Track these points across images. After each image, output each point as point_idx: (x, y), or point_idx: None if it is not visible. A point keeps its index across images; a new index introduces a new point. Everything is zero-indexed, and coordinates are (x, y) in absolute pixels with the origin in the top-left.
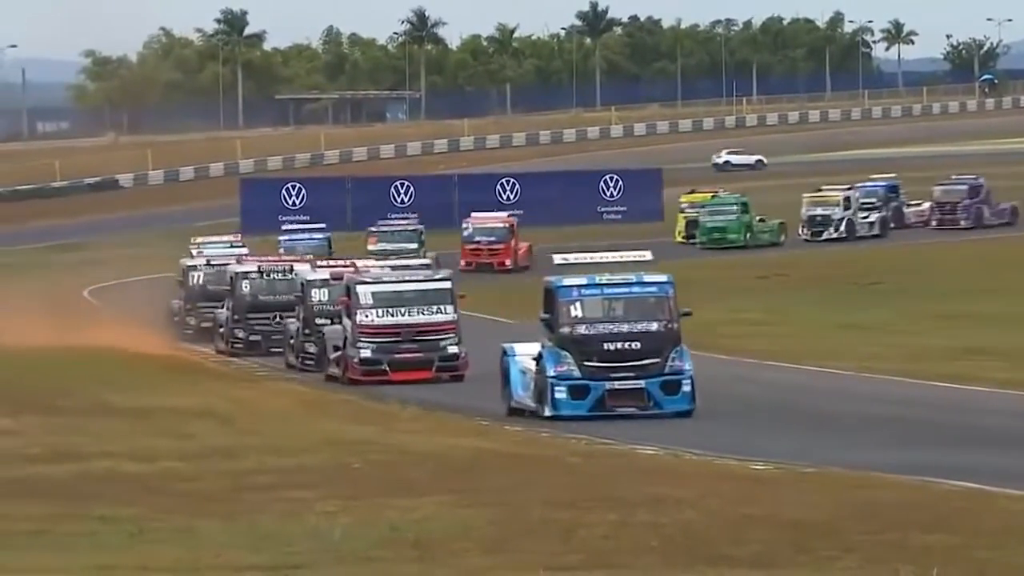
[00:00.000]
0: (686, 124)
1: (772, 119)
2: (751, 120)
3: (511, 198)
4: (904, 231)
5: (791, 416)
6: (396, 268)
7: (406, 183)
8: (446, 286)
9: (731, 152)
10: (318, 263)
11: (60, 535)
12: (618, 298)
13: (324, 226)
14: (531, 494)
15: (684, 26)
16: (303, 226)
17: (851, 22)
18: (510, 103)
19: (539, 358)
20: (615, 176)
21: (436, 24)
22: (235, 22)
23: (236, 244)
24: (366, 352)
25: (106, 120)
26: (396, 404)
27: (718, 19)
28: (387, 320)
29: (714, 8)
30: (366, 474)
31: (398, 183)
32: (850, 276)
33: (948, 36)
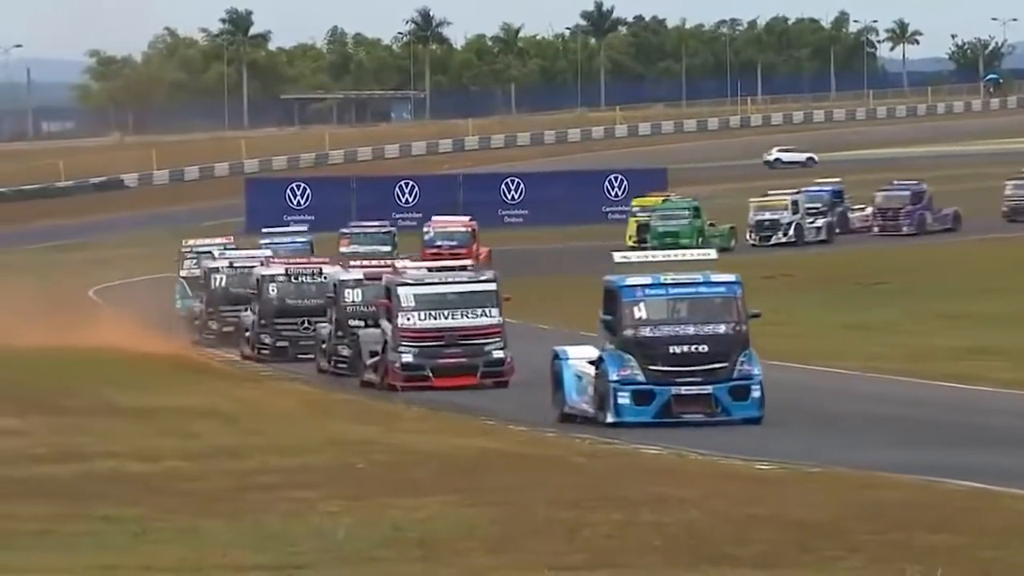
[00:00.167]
0: (691, 124)
1: (777, 119)
2: (756, 120)
3: (516, 198)
4: (849, 236)
5: (796, 416)
6: (438, 269)
7: (411, 183)
8: (491, 288)
9: (781, 150)
10: (352, 263)
11: (64, 535)
12: (684, 298)
13: (306, 229)
14: (535, 494)
15: (689, 26)
16: (284, 229)
17: (856, 22)
18: (515, 103)
19: (599, 361)
20: (620, 176)
21: (441, 24)
22: (240, 22)
23: (229, 246)
24: (408, 357)
25: (111, 120)
26: (400, 404)
27: (723, 19)
28: (430, 323)
29: (719, 8)
30: (370, 474)
31: (403, 183)
32: (855, 276)
33: (953, 36)
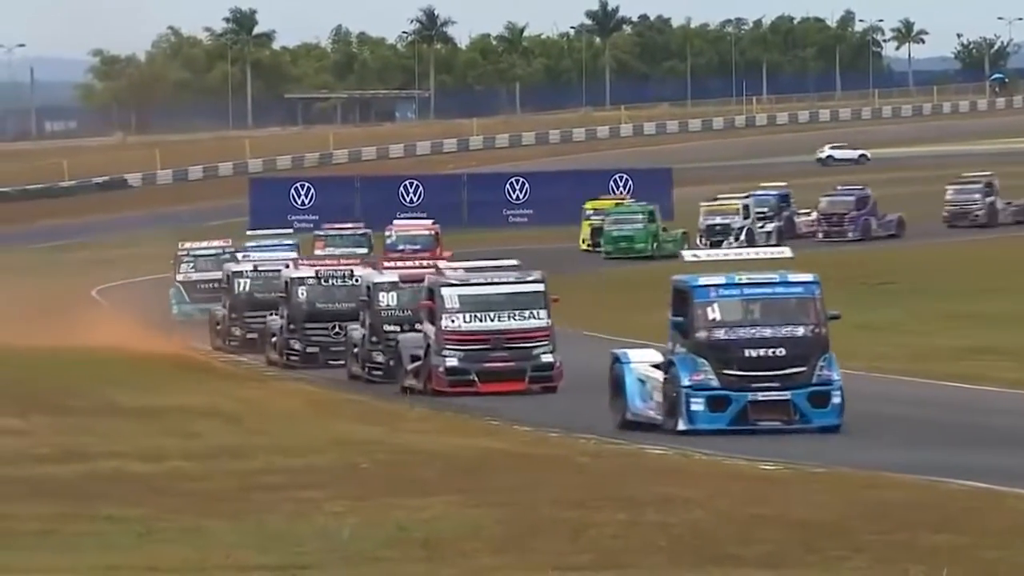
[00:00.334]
0: (696, 124)
1: (782, 119)
2: (761, 119)
3: (520, 197)
4: (795, 241)
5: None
6: (484, 269)
7: (415, 183)
8: (539, 288)
9: (833, 147)
10: (386, 264)
11: (68, 535)
12: (759, 299)
13: (291, 231)
14: (540, 494)
15: (694, 25)
16: (269, 231)
17: (861, 21)
18: (519, 102)
19: (669, 365)
20: (625, 175)
21: (445, 23)
22: (244, 21)
23: (228, 250)
24: (452, 361)
25: (114, 119)
26: (405, 404)
27: (728, 18)
28: (475, 326)
29: (724, 7)
30: (374, 474)
31: (407, 183)
32: (861, 276)
33: (959, 35)
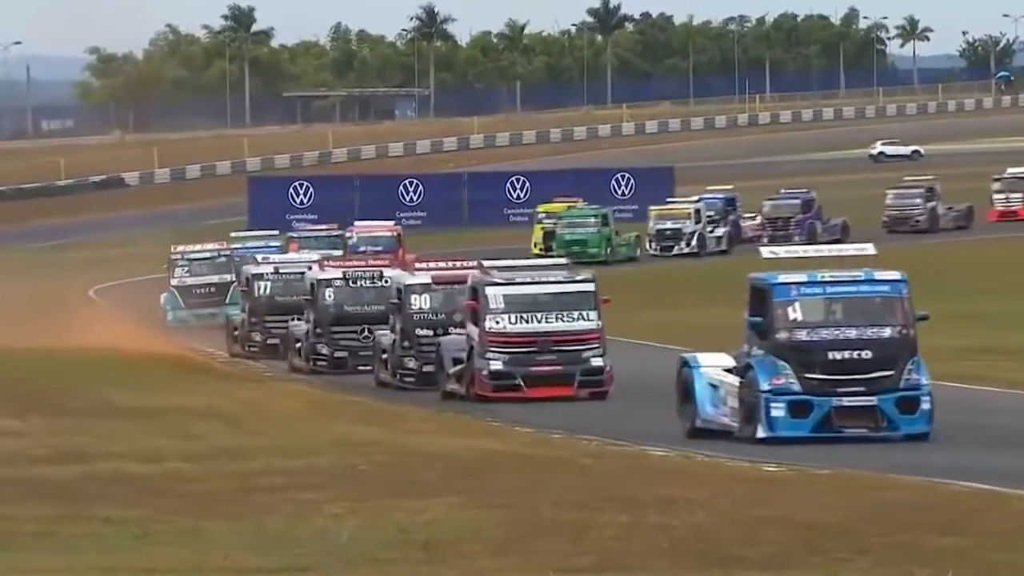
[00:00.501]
0: (698, 122)
1: (785, 117)
2: (764, 118)
3: (521, 197)
4: (744, 245)
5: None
6: (530, 267)
7: (415, 181)
8: (589, 288)
9: (885, 143)
10: (417, 266)
11: (65, 537)
12: (844, 298)
13: (276, 232)
14: (541, 495)
15: (696, 23)
16: (255, 233)
17: (865, 18)
18: (520, 100)
19: (746, 369)
20: (626, 174)
21: (445, 20)
22: (242, 19)
23: (223, 252)
24: (497, 364)
25: (112, 118)
26: (406, 405)
27: (731, 16)
28: (521, 327)
29: (727, 5)
30: (374, 475)
31: (407, 181)
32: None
33: (964, 33)
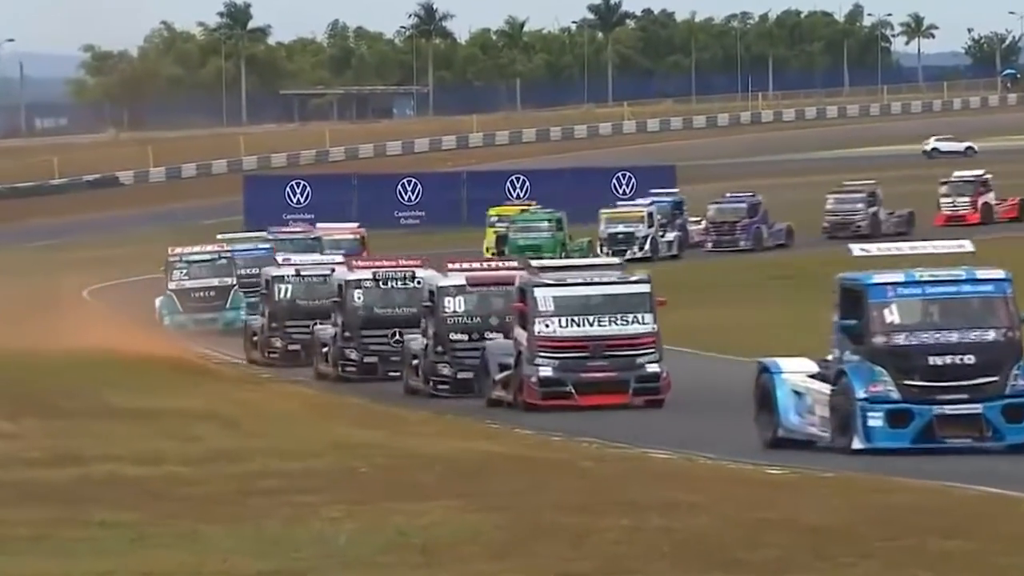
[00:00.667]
0: (700, 120)
1: (789, 115)
2: (767, 116)
3: (521, 195)
4: (692, 250)
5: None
6: (582, 267)
7: (413, 180)
8: (644, 290)
9: (939, 139)
10: (451, 266)
11: (61, 540)
12: (944, 299)
13: (265, 233)
14: (541, 498)
15: (698, 19)
16: (244, 235)
17: (870, 15)
18: (520, 98)
19: (838, 375)
20: (628, 173)
21: (444, 18)
22: (238, 15)
23: (224, 255)
24: (546, 370)
25: (106, 116)
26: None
27: (733, 12)
28: (572, 331)
29: (729, 1)
30: (373, 478)
31: (405, 180)
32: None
33: (969, 30)
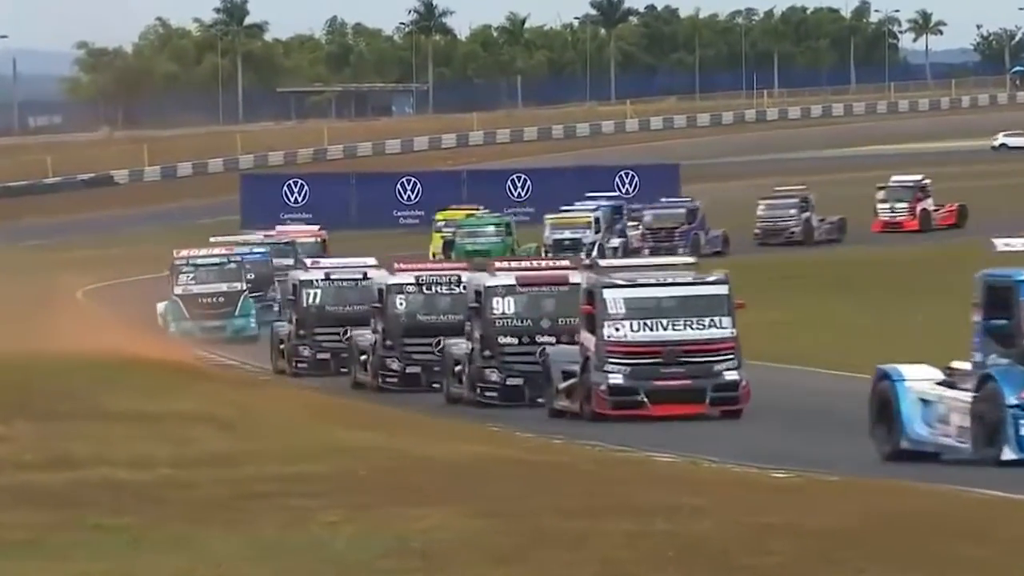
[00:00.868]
0: (704, 118)
1: (794, 113)
2: (772, 114)
3: (522, 194)
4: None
5: (814, 423)
6: (654, 267)
7: (413, 179)
8: (722, 291)
9: (1008, 134)
10: (498, 265)
11: (54, 544)
12: None
13: (262, 237)
14: (543, 502)
15: (702, 16)
16: (235, 238)
17: (877, 12)
18: (521, 96)
19: (984, 380)
20: (631, 172)
21: (444, 14)
22: (235, 11)
23: (233, 258)
24: (616, 378)
25: (100, 114)
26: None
27: (738, 8)
28: (644, 335)
29: None
30: (371, 482)
31: (404, 179)
32: (870, 277)
33: (978, 26)
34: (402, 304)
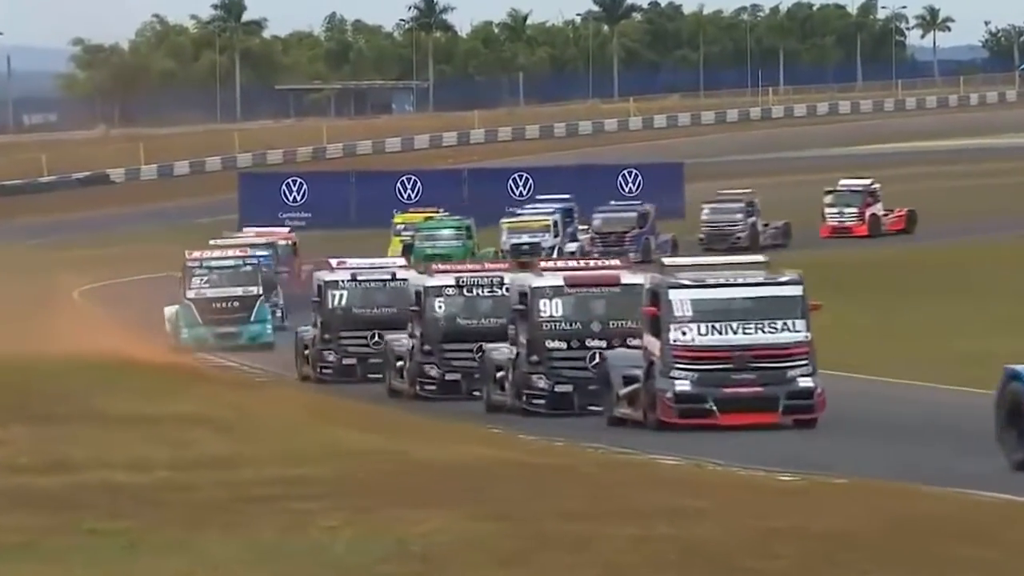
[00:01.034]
0: (708, 116)
1: (800, 111)
2: (777, 112)
3: (524, 193)
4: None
5: (823, 426)
6: (723, 266)
7: (413, 178)
8: (796, 292)
9: None
10: (544, 265)
11: (50, 548)
12: None
13: (264, 242)
14: (545, 505)
15: (707, 12)
16: (232, 240)
17: (884, 8)
18: (523, 93)
19: None
20: (634, 171)
21: (445, 10)
22: (233, 8)
23: (249, 261)
24: (683, 385)
25: (96, 112)
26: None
27: (743, 5)
28: (713, 339)
29: None
30: (372, 485)
31: (404, 178)
32: (877, 278)
33: (986, 23)
34: (441, 307)
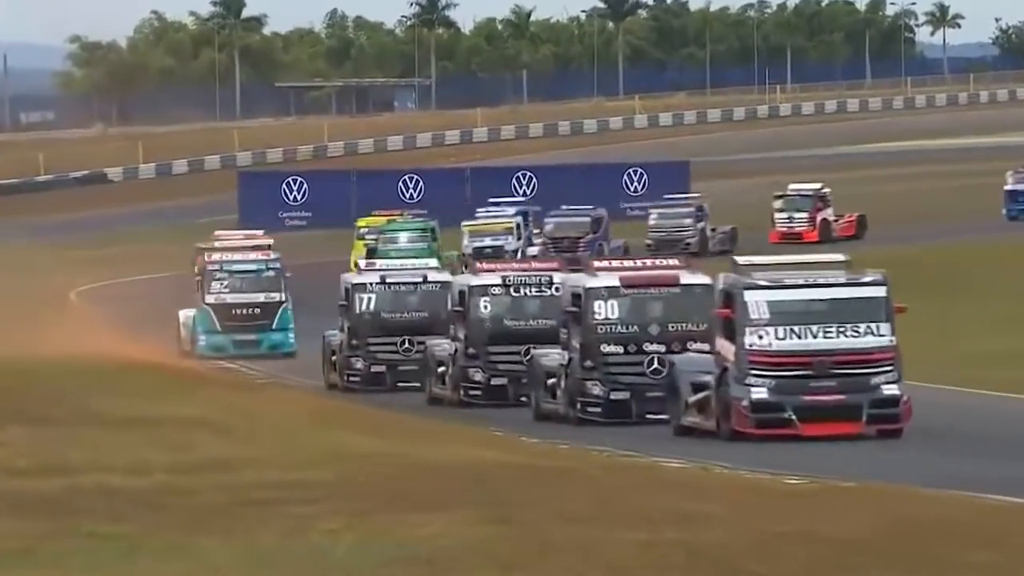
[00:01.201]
0: (715, 114)
1: (808, 108)
2: (785, 109)
3: (527, 193)
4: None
5: None
6: (801, 265)
7: (415, 177)
8: (879, 293)
9: None
10: (597, 265)
11: (48, 553)
12: None
13: (271, 243)
14: (549, 509)
15: (713, 9)
16: (221, 243)
17: (893, 4)
18: (526, 91)
19: None
20: (639, 169)
21: (447, 6)
22: (232, 4)
23: (271, 265)
24: (760, 392)
25: (94, 110)
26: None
27: (750, 1)
28: (791, 344)
29: None
30: (373, 488)
31: (407, 177)
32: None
33: (997, 19)
34: (487, 308)
